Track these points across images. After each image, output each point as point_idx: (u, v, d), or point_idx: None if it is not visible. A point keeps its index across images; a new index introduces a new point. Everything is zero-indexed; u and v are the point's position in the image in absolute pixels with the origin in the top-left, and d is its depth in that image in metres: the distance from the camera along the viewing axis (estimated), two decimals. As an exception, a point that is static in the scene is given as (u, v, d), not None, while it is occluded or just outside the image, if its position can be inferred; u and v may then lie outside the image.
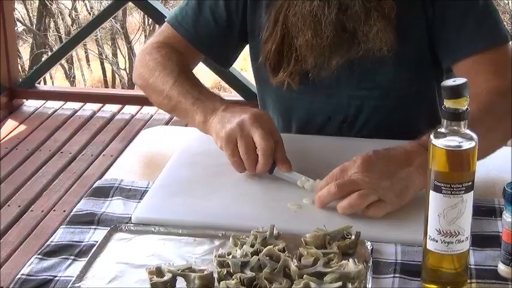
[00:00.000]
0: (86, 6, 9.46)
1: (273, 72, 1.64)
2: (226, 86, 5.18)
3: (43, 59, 5.78)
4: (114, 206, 1.38)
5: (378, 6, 1.52)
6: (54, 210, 3.15)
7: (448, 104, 1.08)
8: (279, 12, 1.59)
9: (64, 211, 3.09)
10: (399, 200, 1.30)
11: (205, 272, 1.13)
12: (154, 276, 1.12)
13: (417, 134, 1.39)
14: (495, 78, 1.51)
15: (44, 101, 4.16)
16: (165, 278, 1.12)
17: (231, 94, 4.48)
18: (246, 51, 1.77)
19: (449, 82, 1.09)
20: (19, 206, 3.18)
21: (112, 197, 1.41)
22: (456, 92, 1.08)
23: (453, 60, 1.57)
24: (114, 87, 9.14)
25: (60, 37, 8.90)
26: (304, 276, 1.11)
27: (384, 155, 1.34)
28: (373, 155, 1.33)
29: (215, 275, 1.13)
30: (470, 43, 1.54)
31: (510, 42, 1.58)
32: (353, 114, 1.66)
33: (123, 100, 4.23)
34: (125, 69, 9.27)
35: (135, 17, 9.15)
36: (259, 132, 1.39)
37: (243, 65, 6.37)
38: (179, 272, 1.13)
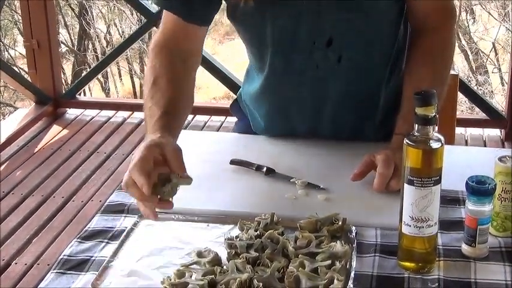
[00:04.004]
0: (118, 30, 9.45)
1: None
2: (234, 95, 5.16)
3: (83, 75, 5.78)
4: (141, 198, 1.37)
5: None
6: (92, 201, 3.14)
7: (419, 111, 1.08)
8: None
9: (100, 201, 3.08)
10: None
11: (212, 256, 1.12)
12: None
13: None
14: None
15: (84, 110, 4.15)
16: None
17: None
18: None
19: (419, 93, 1.09)
20: (63, 197, 3.18)
21: (139, 189, 1.40)
22: (426, 101, 1.08)
23: None
24: (142, 98, 9.13)
25: (97, 56, 8.90)
26: (300, 255, 1.10)
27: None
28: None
29: (222, 256, 1.13)
30: None
31: None
32: (337, 36, 1.44)
33: (149, 108, 4.21)
34: (150, 83, 9.26)
35: (159, 39, 9.14)
36: (134, 174, 1.18)
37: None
38: (189, 267, 1.10)
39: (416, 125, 1.09)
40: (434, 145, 1.09)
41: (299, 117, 1.57)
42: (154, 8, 4.03)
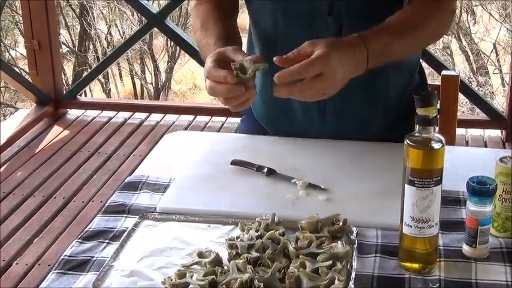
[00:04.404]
0: (119, 31, 9.45)
1: None
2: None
3: (84, 75, 5.78)
4: (142, 198, 1.38)
5: None
6: (92, 201, 3.15)
7: (420, 111, 1.08)
8: None
9: (101, 202, 3.09)
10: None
11: (212, 256, 1.12)
12: None
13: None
14: None
15: (84, 110, 4.16)
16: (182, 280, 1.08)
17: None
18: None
19: (420, 93, 1.09)
20: (63, 198, 3.18)
21: (140, 190, 1.41)
22: (427, 101, 1.08)
23: None
24: (143, 98, 9.13)
25: (97, 57, 8.90)
26: (300, 256, 1.10)
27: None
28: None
29: (223, 256, 1.13)
30: None
31: None
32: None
33: (150, 109, 4.23)
34: (151, 83, 9.26)
35: (159, 40, 9.14)
36: (212, 74, 1.28)
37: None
38: (190, 268, 1.10)
39: (417, 126, 1.09)
40: (435, 146, 1.09)
41: None
42: (154, 8, 4.04)
